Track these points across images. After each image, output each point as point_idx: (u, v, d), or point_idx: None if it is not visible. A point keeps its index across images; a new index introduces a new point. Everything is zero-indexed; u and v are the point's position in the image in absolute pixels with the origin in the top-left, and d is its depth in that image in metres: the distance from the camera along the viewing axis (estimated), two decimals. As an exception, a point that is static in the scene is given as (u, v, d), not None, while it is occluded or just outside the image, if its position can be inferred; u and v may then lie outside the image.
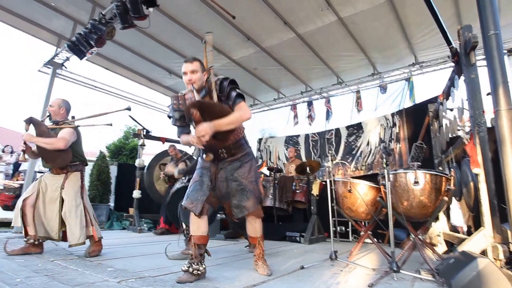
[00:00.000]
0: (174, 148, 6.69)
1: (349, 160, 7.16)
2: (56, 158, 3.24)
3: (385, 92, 6.99)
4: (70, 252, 3.41)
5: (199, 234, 2.43)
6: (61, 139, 3.21)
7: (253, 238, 2.62)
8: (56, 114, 3.45)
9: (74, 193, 3.29)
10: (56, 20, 6.00)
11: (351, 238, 5.39)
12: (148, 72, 7.92)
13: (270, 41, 6.38)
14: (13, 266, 2.62)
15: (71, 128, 3.35)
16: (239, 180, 2.48)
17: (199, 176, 2.55)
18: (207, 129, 2.10)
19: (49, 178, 3.33)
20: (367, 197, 3.12)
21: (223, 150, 2.48)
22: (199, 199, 2.43)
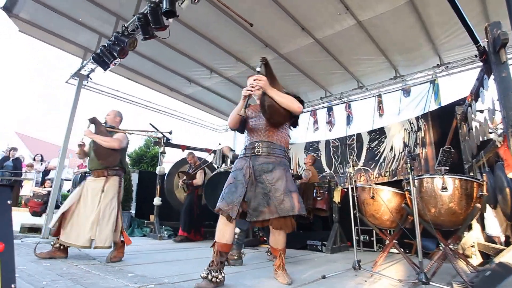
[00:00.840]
0: (193, 156, 6.73)
1: (371, 166, 6.97)
2: (109, 156, 3.50)
3: (408, 96, 6.78)
4: (93, 257, 3.48)
5: (223, 242, 2.38)
6: (116, 140, 3.55)
7: (275, 249, 2.54)
8: (112, 121, 3.82)
9: (111, 196, 3.43)
10: (83, 34, 6.22)
11: (376, 247, 5.20)
12: (168, 81, 8.04)
13: (288, 47, 6.34)
14: (40, 269, 2.70)
15: (125, 134, 3.70)
16: (265, 184, 2.42)
17: (233, 178, 2.51)
18: (264, 81, 2.39)
19: (91, 183, 3.49)
20: (391, 203, 2.99)
21: (261, 144, 2.50)
22: (235, 202, 2.36)
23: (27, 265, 2.84)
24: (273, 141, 2.55)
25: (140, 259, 3.54)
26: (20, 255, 3.37)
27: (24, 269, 2.66)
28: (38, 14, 5.75)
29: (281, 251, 2.49)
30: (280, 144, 2.57)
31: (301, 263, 3.64)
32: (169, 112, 9.17)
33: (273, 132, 2.58)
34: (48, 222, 5.56)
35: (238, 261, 3.45)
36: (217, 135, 10.73)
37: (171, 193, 7.21)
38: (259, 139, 2.56)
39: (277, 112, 2.46)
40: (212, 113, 9.71)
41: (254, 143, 2.55)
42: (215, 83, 7.94)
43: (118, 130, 3.76)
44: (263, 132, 2.58)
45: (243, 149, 2.64)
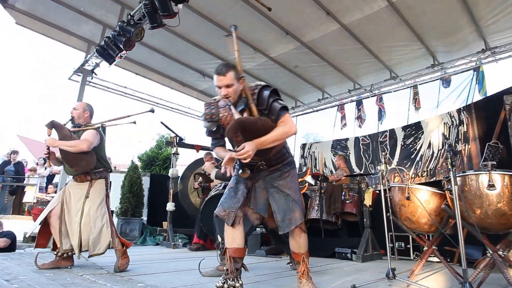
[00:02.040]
0: (211, 156, 6.77)
1: (407, 165, 6.84)
2: (80, 161, 3.38)
3: (448, 86, 6.63)
4: (100, 266, 3.54)
5: (234, 246, 2.40)
6: (84, 141, 3.36)
7: (297, 254, 2.53)
8: (80, 117, 3.61)
9: (99, 201, 3.42)
10: (85, 25, 6.40)
11: (413, 256, 5.09)
12: (180, 75, 8.17)
13: (312, 35, 6.32)
14: (42, 280, 2.75)
15: (94, 130, 3.50)
16: (282, 191, 2.46)
17: (234, 183, 2.54)
18: (250, 150, 2.09)
19: (73, 187, 3.48)
20: (430, 205, 2.92)
21: (263, 162, 2.48)
22: (232, 207, 2.41)
23: (28, 275, 2.90)
24: (273, 154, 2.43)
25: (152, 268, 3.58)
26: (21, 265, 3.47)
27: (25, 279, 2.72)
28: (36, 4, 5.92)
29: (304, 255, 2.49)
30: (279, 148, 2.47)
31: (328, 273, 3.61)
32: (182, 110, 9.32)
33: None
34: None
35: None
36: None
37: (185, 197, 7.28)
38: (257, 159, 2.42)
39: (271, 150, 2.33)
40: (228, 110, 9.77)
41: (253, 164, 2.46)
42: (231, 76, 7.98)
43: (86, 128, 3.53)
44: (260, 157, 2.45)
45: None
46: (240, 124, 2.18)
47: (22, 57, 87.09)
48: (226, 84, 2.28)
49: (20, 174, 8.76)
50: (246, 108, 2.31)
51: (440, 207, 2.88)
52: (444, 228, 2.90)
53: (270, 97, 2.34)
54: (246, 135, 2.16)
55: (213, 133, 2.54)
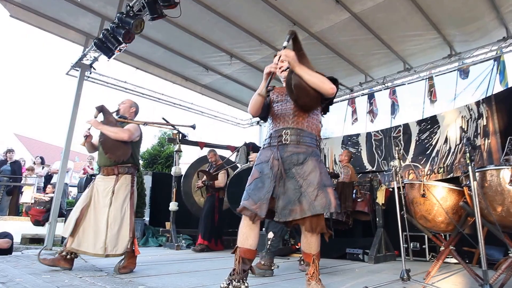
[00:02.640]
0: (215, 153, 6.77)
1: (422, 161, 6.78)
2: (118, 149, 3.54)
3: (466, 77, 6.55)
4: (100, 268, 3.57)
5: (246, 247, 2.37)
6: (126, 130, 3.57)
7: (307, 254, 2.47)
8: (126, 111, 3.85)
9: (123, 198, 3.49)
10: (83, 18, 6.40)
11: (428, 257, 5.06)
12: (183, 69, 8.16)
13: (320, 25, 6.27)
14: (38, 282, 2.77)
15: (137, 125, 3.72)
16: (296, 178, 2.38)
17: (258, 172, 2.48)
18: (292, 56, 2.39)
19: (100, 182, 3.57)
20: (447, 202, 2.89)
21: (288, 132, 2.49)
22: (263, 199, 2.34)
23: (25, 278, 2.92)
24: (303, 128, 2.52)
25: (154, 270, 3.60)
26: (18, 268, 3.50)
27: (21, 281, 2.74)
28: (31, -4, 5.91)
29: (315, 256, 2.44)
30: (311, 131, 2.54)
31: (339, 274, 3.60)
32: (185, 106, 9.32)
33: (303, 118, 2.54)
34: (51, 231, 5.76)
35: (268, 271, 3.44)
36: (240, 130, 10.80)
37: (189, 196, 7.31)
38: (286, 126, 2.53)
39: (306, 93, 2.42)
40: (233, 105, 9.77)
41: (281, 131, 2.52)
42: (236, 70, 7.99)
43: (131, 121, 3.77)
44: (291, 118, 2.55)
45: (268, 138, 2.63)
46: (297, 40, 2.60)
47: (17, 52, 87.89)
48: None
49: (17, 174, 8.80)
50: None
51: (458, 205, 2.85)
52: (462, 227, 2.87)
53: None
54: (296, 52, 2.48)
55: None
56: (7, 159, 8.89)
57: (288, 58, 2.39)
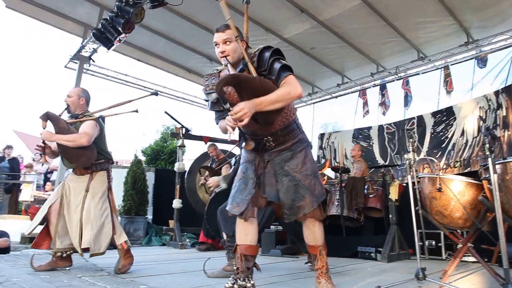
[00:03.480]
0: (215, 148, 6.75)
1: (437, 155, 6.71)
2: (81, 156, 3.36)
3: (484, 66, 6.46)
4: (100, 268, 3.56)
5: (246, 243, 2.37)
6: (84, 134, 3.31)
7: (313, 247, 2.47)
8: (76, 105, 3.56)
9: (100, 195, 3.42)
10: (81, 7, 6.40)
11: (445, 255, 5.00)
12: (185, 61, 8.15)
13: (330, 12, 6.21)
14: (36, 282, 2.78)
15: (93, 121, 3.46)
16: (291, 175, 2.38)
17: (242, 173, 2.50)
18: (245, 109, 1.96)
19: (73, 181, 3.48)
20: (465, 197, 2.83)
21: (269, 138, 2.40)
22: (244, 200, 2.37)
23: (22, 277, 2.92)
24: (280, 126, 2.39)
25: (156, 270, 3.59)
26: (16, 267, 3.51)
27: (18, 281, 2.74)
28: (27, -15, 5.93)
29: (321, 247, 2.45)
30: (286, 122, 2.41)
31: (350, 273, 3.57)
32: (188, 99, 9.33)
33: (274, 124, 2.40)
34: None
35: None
36: (245, 124, 10.73)
37: (193, 193, 7.29)
38: (264, 134, 2.39)
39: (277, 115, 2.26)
40: (238, 98, 9.73)
41: (261, 140, 2.41)
42: (241, 60, 7.93)
43: (84, 119, 3.47)
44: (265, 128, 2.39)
45: None
46: (234, 78, 2.07)
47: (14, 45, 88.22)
48: (224, 39, 2.31)
49: (15, 171, 8.86)
50: (244, 68, 2.28)
51: (476, 199, 2.79)
52: (481, 223, 2.81)
53: (271, 56, 2.26)
54: (243, 94, 2.05)
55: (216, 105, 2.49)
56: (5, 156, 8.94)
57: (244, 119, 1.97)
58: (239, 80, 2.07)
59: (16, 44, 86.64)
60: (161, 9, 5.75)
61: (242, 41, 2.30)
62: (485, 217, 2.84)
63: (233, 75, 2.12)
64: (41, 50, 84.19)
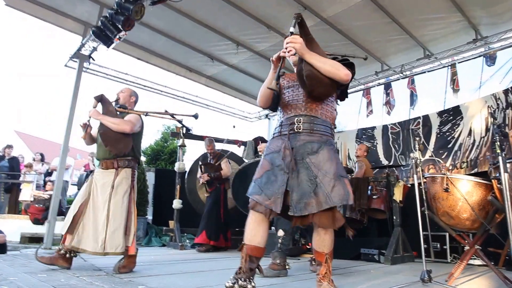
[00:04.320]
0: (213, 142, 6.70)
1: (443, 156, 6.63)
2: (119, 142, 3.51)
3: (493, 64, 6.35)
4: (98, 267, 3.56)
5: (254, 244, 2.34)
6: (128, 122, 3.54)
7: (320, 253, 2.41)
8: (126, 101, 3.83)
9: (123, 193, 3.47)
10: (81, 5, 6.36)
11: (450, 258, 4.94)
12: (186, 59, 8.11)
13: (333, 9, 6.13)
14: (33, 281, 2.77)
15: (138, 116, 3.69)
16: (311, 169, 2.31)
17: (270, 164, 2.43)
18: (301, 43, 2.31)
19: (99, 176, 3.55)
20: (472, 197, 2.79)
21: (301, 119, 2.43)
22: (277, 193, 2.30)
23: (19, 276, 2.93)
24: (317, 115, 2.47)
25: (155, 270, 3.58)
26: (13, 266, 3.53)
27: (15, 280, 2.74)
28: (26, -18, 5.89)
29: (328, 255, 2.38)
30: (325, 119, 2.49)
31: (353, 275, 3.54)
32: (189, 98, 9.28)
33: (316, 105, 2.50)
34: (50, 230, 5.76)
35: (283, 271, 3.41)
36: (247, 124, 10.72)
37: (193, 194, 7.28)
38: (299, 113, 2.47)
39: (320, 83, 2.37)
40: (240, 97, 9.70)
41: (293, 118, 2.47)
42: (243, 59, 7.90)
43: (131, 111, 3.74)
44: (303, 105, 2.50)
45: (278, 126, 2.58)
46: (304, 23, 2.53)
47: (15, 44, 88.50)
48: None
49: (15, 170, 8.87)
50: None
51: (484, 200, 2.74)
52: (489, 224, 2.75)
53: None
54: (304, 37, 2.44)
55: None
56: (5, 155, 8.95)
57: (295, 45, 2.29)
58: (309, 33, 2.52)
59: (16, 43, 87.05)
60: (161, 6, 5.72)
61: None
62: (494, 218, 2.78)
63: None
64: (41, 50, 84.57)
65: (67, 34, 6.90)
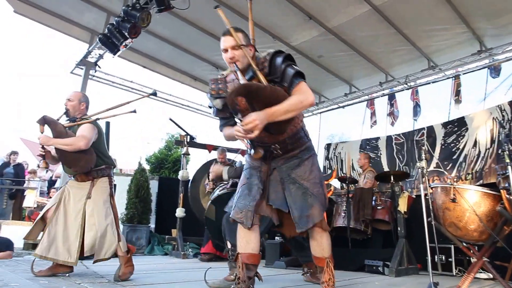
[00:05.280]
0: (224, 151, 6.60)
1: (448, 167, 6.57)
2: (79, 160, 3.30)
3: (498, 75, 6.35)
4: (100, 275, 3.50)
5: (248, 252, 2.31)
6: (81, 138, 3.25)
7: (320, 259, 2.38)
8: (76, 109, 3.52)
9: (103, 202, 3.37)
10: (88, 13, 6.42)
11: (455, 271, 4.83)
12: (191, 68, 8.14)
13: (338, 19, 6.16)
14: (35, 287, 2.74)
15: (90, 124, 3.41)
16: (299, 182, 2.31)
17: (246, 178, 2.44)
18: (257, 121, 1.94)
19: (74, 187, 3.43)
20: (480, 208, 2.72)
21: (277, 146, 2.34)
22: (248, 206, 2.30)
23: (21, 282, 2.89)
24: (288, 135, 2.34)
25: (157, 278, 3.53)
26: (15, 272, 3.49)
27: (17, 286, 2.71)
28: (35, -10, 5.97)
29: (329, 259, 2.35)
30: (296, 129, 2.37)
31: (357, 287, 3.44)
32: (193, 107, 9.30)
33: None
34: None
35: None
36: (250, 134, 10.67)
37: (197, 202, 7.20)
38: (272, 142, 2.34)
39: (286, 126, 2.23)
40: (244, 107, 9.67)
41: (268, 147, 2.36)
42: (248, 69, 7.88)
43: (81, 122, 3.43)
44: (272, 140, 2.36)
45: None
46: (245, 89, 2.05)
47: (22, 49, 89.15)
48: (232, 45, 2.24)
49: (20, 177, 8.85)
50: (254, 75, 2.21)
51: (493, 211, 2.68)
52: (498, 236, 2.68)
53: (283, 62, 2.21)
54: (254, 103, 2.04)
55: (221, 112, 2.41)
56: (11, 162, 8.93)
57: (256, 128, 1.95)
58: (250, 90, 2.05)
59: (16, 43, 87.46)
60: (167, 15, 5.75)
61: (250, 46, 2.29)
62: (502, 230, 2.71)
63: (244, 85, 2.09)
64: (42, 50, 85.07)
65: (73, 42, 6.94)
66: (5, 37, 78.69)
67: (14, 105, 66.26)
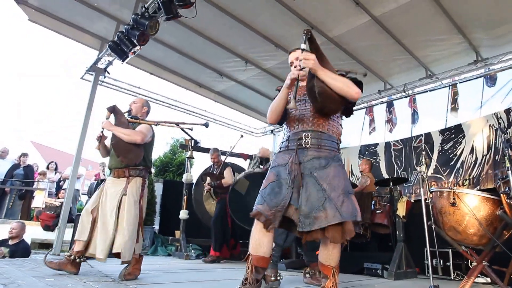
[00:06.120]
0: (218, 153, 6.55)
1: (445, 173, 6.51)
2: (129, 152, 3.45)
3: (493, 85, 6.30)
4: (105, 274, 3.45)
5: (259, 255, 2.26)
6: (139, 133, 3.48)
7: (326, 267, 2.29)
8: (138, 111, 3.79)
9: (133, 201, 3.38)
10: (99, 21, 6.43)
11: (453, 275, 4.76)
12: (197, 75, 8.11)
13: (339, 29, 6.13)
14: (41, 285, 2.69)
15: (149, 125, 3.64)
16: (319, 182, 2.21)
17: (275, 176, 2.35)
18: (314, 59, 2.23)
19: (110, 184, 3.47)
20: (480, 212, 2.67)
21: (309, 134, 2.35)
22: (279, 206, 2.22)
23: (27, 280, 2.86)
24: (324, 130, 2.39)
25: (160, 278, 3.48)
26: (22, 270, 3.44)
27: (23, 284, 2.67)
28: (49, 0, 6.01)
29: (335, 269, 2.27)
30: (332, 134, 2.42)
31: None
32: (198, 113, 9.25)
33: (323, 120, 2.42)
34: (60, 236, 5.66)
35: (275, 282, 3.28)
36: (253, 139, 10.67)
37: (200, 205, 7.16)
38: (306, 128, 2.39)
39: (331, 100, 2.30)
40: (247, 113, 9.66)
41: (300, 133, 2.39)
42: (251, 76, 7.89)
43: (143, 122, 3.69)
44: (311, 120, 2.42)
45: (285, 141, 2.49)
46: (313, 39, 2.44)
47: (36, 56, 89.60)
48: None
49: (29, 178, 8.80)
50: None
51: (492, 215, 2.62)
52: (498, 240, 2.62)
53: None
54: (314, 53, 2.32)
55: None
56: (21, 163, 8.91)
57: (309, 62, 2.22)
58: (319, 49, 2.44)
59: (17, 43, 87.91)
60: (175, 23, 5.74)
61: None
62: (502, 234, 2.65)
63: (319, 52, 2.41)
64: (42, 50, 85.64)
65: (83, 49, 6.94)
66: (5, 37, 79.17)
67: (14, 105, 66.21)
